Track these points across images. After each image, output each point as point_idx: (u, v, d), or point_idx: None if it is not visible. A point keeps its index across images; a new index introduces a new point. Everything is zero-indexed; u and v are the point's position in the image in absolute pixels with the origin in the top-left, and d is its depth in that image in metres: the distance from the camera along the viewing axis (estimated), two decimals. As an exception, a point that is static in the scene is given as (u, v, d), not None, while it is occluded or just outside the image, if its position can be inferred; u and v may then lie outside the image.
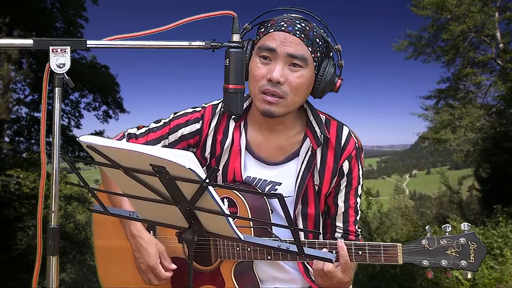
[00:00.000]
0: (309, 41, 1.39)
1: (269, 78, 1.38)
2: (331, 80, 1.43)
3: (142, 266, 1.51)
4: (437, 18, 15.12)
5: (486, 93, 15.25)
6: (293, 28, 1.39)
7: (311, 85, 1.44)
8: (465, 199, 18.52)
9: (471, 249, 1.30)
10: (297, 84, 1.39)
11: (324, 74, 1.43)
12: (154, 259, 1.48)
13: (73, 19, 12.32)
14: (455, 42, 14.94)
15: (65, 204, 14.41)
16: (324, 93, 1.46)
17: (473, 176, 17.01)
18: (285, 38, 1.38)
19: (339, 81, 1.46)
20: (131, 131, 1.56)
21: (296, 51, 1.38)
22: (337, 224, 1.53)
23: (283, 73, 1.38)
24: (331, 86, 1.45)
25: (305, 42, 1.39)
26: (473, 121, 14.49)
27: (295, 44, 1.38)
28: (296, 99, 1.42)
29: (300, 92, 1.41)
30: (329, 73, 1.43)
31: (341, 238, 1.52)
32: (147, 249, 1.48)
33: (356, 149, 1.51)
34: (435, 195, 21.24)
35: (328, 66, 1.43)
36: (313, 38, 1.40)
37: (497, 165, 13.76)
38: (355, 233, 1.54)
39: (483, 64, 15.28)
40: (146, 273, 1.51)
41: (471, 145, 15.52)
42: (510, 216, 10.78)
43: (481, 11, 14.18)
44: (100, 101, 13.11)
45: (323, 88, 1.44)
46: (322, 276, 1.39)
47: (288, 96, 1.40)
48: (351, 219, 1.53)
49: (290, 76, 1.39)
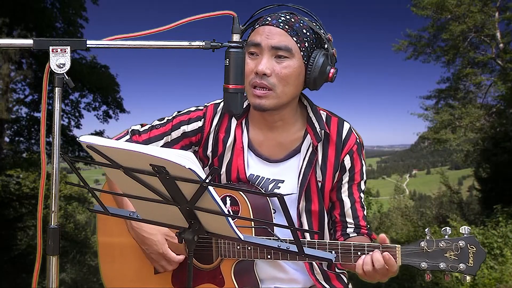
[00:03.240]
0: (294, 32, 1.40)
1: (256, 71, 1.40)
2: (322, 69, 1.43)
3: (152, 256, 1.51)
4: (437, 18, 15.14)
5: (486, 93, 15.29)
6: (276, 21, 1.41)
7: (301, 76, 1.44)
8: (465, 199, 18.52)
9: (470, 252, 1.30)
10: (284, 75, 1.40)
11: (314, 64, 1.43)
12: (162, 246, 1.49)
13: (73, 19, 12.32)
14: (455, 42, 14.96)
15: (65, 204, 14.41)
16: (318, 83, 1.46)
17: (473, 176, 17.00)
18: (269, 31, 1.40)
19: (332, 70, 1.45)
20: (135, 128, 1.57)
21: (279, 42, 1.39)
22: (347, 220, 1.53)
23: (269, 65, 1.39)
24: (324, 76, 1.45)
25: (289, 33, 1.40)
26: (473, 121, 14.50)
27: (278, 36, 1.40)
28: (286, 90, 1.42)
29: (289, 83, 1.42)
30: (319, 62, 1.43)
31: (354, 233, 1.52)
32: (152, 239, 1.49)
33: (357, 144, 1.52)
34: (435, 195, 21.25)
35: (318, 55, 1.43)
36: (299, 29, 1.41)
37: (497, 165, 13.76)
38: (366, 227, 1.54)
39: (483, 64, 15.30)
40: (158, 261, 1.52)
41: (471, 145, 15.53)
42: (510, 216, 10.78)
43: (481, 11, 14.20)
44: (100, 101, 13.12)
45: (315, 78, 1.44)
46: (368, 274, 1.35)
47: (276, 88, 1.40)
48: (360, 214, 1.53)
49: (277, 67, 1.40)
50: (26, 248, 11.28)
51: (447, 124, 14.98)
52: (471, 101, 15.37)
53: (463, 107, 14.93)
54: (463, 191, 23.02)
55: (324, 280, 1.55)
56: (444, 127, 15.01)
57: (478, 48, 15.42)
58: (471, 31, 14.63)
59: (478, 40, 15.11)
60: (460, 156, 16.65)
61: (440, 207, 17.50)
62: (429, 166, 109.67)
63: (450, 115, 15.08)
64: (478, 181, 15.83)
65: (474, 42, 15.15)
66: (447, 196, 17.80)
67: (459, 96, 15.53)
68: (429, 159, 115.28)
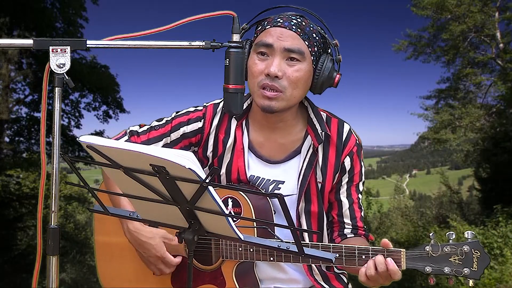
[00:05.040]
0: (306, 35, 1.40)
1: (267, 73, 1.38)
2: (329, 75, 1.44)
3: (150, 260, 1.51)
4: (437, 18, 15.15)
5: (486, 93, 15.29)
6: (289, 23, 1.40)
7: (310, 80, 1.44)
8: (465, 199, 18.52)
9: (475, 257, 1.30)
10: (295, 78, 1.40)
11: (322, 69, 1.43)
12: (161, 249, 1.48)
13: (73, 19, 12.33)
14: (455, 42, 14.96)
15: (65, 204, 14.40)
16: (323, 88, 1.46)
17: (473, 176, 17.01)
18: (281, 33, 1.39)
19: (338, 76, 1.46)
20: (133, 129, 1.56)
21: (292, 45, 1.38)
22: (345, 220, 1.53)
23: (281, 68, 1.38)
24: (330, 81, 1.45)
25: (301, 36, 1.39)
26: (473, 121, 14.51)
27: (291, 38, 1.39)
28: (295, 93, 1.42)
29: (299, 86, 1.41)
30: (327, 67, 1.43)
31: (351, 234, 1.52)
32: (150, 243, 1.48)
33: (357, 146, 1.52)
34: (435, 195, 21.25)
35: (326, 60, 1.44)
36: (310, 33, 1.41)
37: (497, 165, 13.76)
38: (363, 228, 1.54)
39: (483, 64, 15.31)
40: (156, 264, 1.51)
41: (471, 145, 15.54)
42: (510, 216, 10.78)
43: (481, 11, 14.20)
44: (100, 101, 13.12)
45: (321, 83, 1.44)
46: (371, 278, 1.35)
47: (286, 90, 1.40)
48: (358, 215, 1.54)
49: (288, 70, 1.39)
50: (26, 248, 11.28)
51: (447, 124, 14.98)
52: (471, 101, 15.37)
53: (463, 107, 14.93)
54: (463, 191, 23.02)
55: (323, 280, 1.55)
56: (444, 127, 15.02)
57: (478, 48, 15.44)
58: (471, 31, 14.63)
59: (478, 40, 15.12)
60: (460, 156, 16.65)
61: (440, 207, 17.50)
62: (429, 166, 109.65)
63: (450, 115, 15.08)
64: (478, 181, 15.84)
65: (474, 42, 15.17)
66: (447, 196, 17.80)
67: (459, 96, 15.54)
68: (429, 159, 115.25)
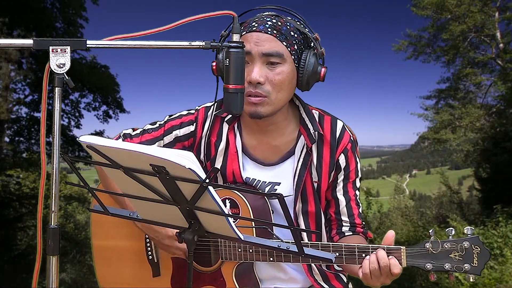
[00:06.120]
0: (283, 36, 1.39)
1: (248, 81, 1.38)
2: (313, 70, 1.42)
3: (164, 241, 1.46)
4: (437, 18, 15.14)
5: (486, 93, 15.29)
6: (264, 26, 1.39)
7: (294, 79, 1.43)
8: (465, 199, 18.51)
9: (475, 253, 1.31)
10: (278, 81, 1.39)
11: (305, 65, 1.42)
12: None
13: (73, 19, 12.32)
14: (455, 42, 14.96)
15: (65, 204, 14.39)
16: (310, 84, 1.45)
17: (473, 176, 16.99)
18: (258, 38, 1.38)
19: (323, 69, 1.44)
20: (126, 132, 1.57)
21: (270, 48, 1.38)
22: (343, 218, 1.53)
23: (262, 73, 1.38)
24: (316, 76, 1.44)
25: (278, 37, 1.38)
26: (473, 121, 14.50)
27: (268, 42, 1.38)
28: (280, 96, 1.41)
29: (283, 89, 1.41)
30: (311, 63, 1.42)
31: (349, 232, 1.52)
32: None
33: (351, 142, 1.51)
34: (435, 195, 21.23)
35: (308, 56, 1.42)
36: (287, 32, 1.40)
37: (497, 165, 13.75)
38: (361, 225, 1.54)
39: (483, 64, 15.31)
40: (171, 244, 1.46)
41: (471, 145, 15.53)
42: (510, 216, 10.76)
43: (481, 11, 14.20)
44: (100, 101, 13.11)
45: (307, 80, 1.43)
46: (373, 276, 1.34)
47: (271, 95, 1.40)
48: (355, 212, 1.53)
49: (270, 74, 1.39)
50: (26, 248, 11.28)
51: (447, 124, 14.98)
52: (471, 101, 15.37)
53: (463, 107, 14.93)
54: (463, 191, 23.01)
55: (323, 280, 1.55)
56: (444, 127, 15.01)
57: (478, 48, 15.43)
58: (471, 31, 14.63)
59: (478, 40, 15.11)
60: (460, 156, 16.64)
61: (440, 207, 17.49)
62: (429, 166, 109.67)
63: (450, 115, 15.08)
64: (478, 181, 15.82)
65: (474, 42, 15.16)
66: (447, 196, 17.78)
67: (459, 96, 15.53)
68: (429, 159, 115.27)
